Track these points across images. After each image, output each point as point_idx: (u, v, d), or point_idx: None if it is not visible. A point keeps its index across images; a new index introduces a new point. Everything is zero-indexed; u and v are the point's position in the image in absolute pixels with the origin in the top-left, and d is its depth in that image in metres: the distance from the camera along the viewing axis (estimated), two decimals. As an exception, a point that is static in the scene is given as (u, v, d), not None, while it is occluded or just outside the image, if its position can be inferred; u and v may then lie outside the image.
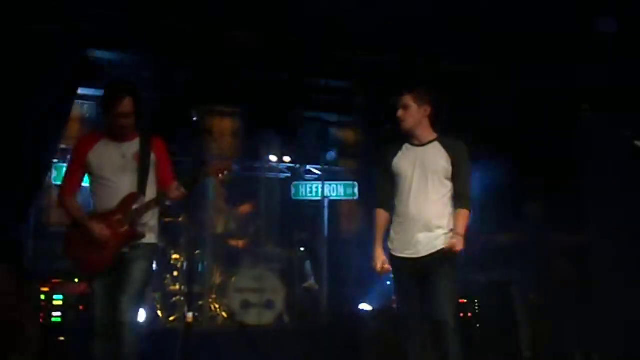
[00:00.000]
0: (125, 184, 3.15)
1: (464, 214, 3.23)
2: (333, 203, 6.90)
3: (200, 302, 5.42)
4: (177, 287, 5.55)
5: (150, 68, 5.23)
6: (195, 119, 3.78)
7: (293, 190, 6.85)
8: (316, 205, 6.79)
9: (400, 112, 3.26)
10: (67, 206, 3.19)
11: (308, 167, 7.17)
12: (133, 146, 3.20)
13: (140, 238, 3.15)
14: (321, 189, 6.67)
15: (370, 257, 3.27)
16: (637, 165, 3.73)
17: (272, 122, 5.97)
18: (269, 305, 5.42)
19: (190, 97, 5.14)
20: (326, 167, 6.85)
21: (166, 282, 5.49)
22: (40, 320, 4.37)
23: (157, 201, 3.21)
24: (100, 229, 3.07)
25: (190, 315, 3.12)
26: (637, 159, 3.21)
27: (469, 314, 5.63)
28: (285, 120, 6.03)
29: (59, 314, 4.44)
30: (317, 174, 7.14)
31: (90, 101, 5.57)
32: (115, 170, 3.14)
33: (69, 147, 5.87)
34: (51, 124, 4.77)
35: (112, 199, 3.13)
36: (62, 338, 4.32)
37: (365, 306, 6.06)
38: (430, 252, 3.17)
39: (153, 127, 3.50)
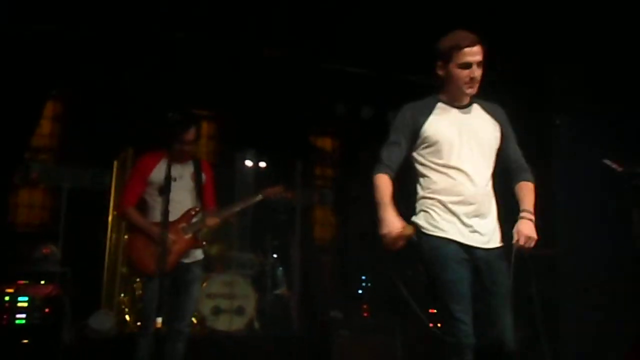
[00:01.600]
0: (184, 200, 3.61)
1: (532, 188, 2.66)
2: (307, 210, 6.88)
3: (170, 307, 5.32)
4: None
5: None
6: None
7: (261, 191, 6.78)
8: (290, 211, 6.75)
9: (477, 72, 2.57)
10: (130, 214, 3.60)
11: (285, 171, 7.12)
12: (188, 167, 3.67)
13: (200, 246, 3.67)
14: (296, 195, 6.63)
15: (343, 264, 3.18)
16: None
17: (248, 125, 5.95)
18: (239, 311, 5.38)
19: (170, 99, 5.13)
20: (301, 173, 6.81)
21: (135, 285, 5.39)
22: (4, 322, 4.26)
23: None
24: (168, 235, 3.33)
25: (159, 320, 3.08)
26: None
27: (439, 325, 5.66)
28: (261, 124, 6.01)
29: (23, 315, 4.33)
30: (293, 180, 7.10)
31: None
32: (177, 188, 3.48)
33: (39, 146, 5.81)
34: (21, 123, 4.67)
35: (175, 212, 3.41)
36: (26, 341, 4.21)
37: (336, 314, 6.05)
38: (493, 245, 2.57)
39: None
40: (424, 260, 2.57)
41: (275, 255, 6.30)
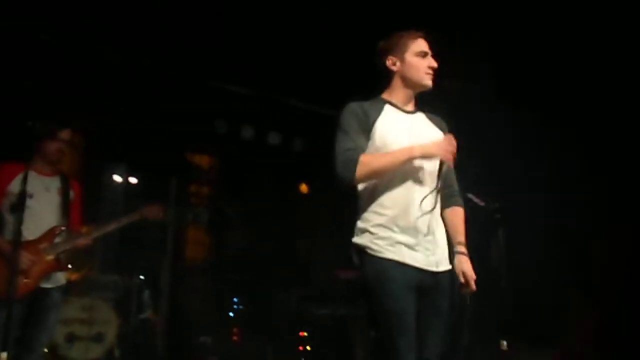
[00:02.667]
0: (48, 217, 3.28)
1: (463, 215, 2.48)
2: (180, 229, 6.60)
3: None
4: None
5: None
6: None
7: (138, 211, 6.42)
8: (161, 229, 6.43)
9: (434, 63, 2.40)
10: None
11: (157, 188, 6.79)
12: (55, 181, 3.36)
13: (64, 269, 3.33)
14: (169, 213, 6.33)
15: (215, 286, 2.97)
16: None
17: (120, 140, 5.61)
18: (98, 338, 4.96)
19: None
20: (176, 190, 6.54)
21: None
22: None
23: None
24: (25, 255, 3.09)
25: (4, 355, 2.71)
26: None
27: (308, 347, 5.66)
28: (135, 138, 5.70)
29: None
30: (166, 197, 6.79)
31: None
32: (41, 202, 3.24)
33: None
34: None
35: (36, 230, 3.21)
36: None
37: (205, 339, 5.83)
38: (443, 268, 2.33)
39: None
40: (367, 285, 2.26)
41: (142, 277, 5.94)
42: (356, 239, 2.33)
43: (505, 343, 2.66)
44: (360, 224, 2.33)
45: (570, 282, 5.03)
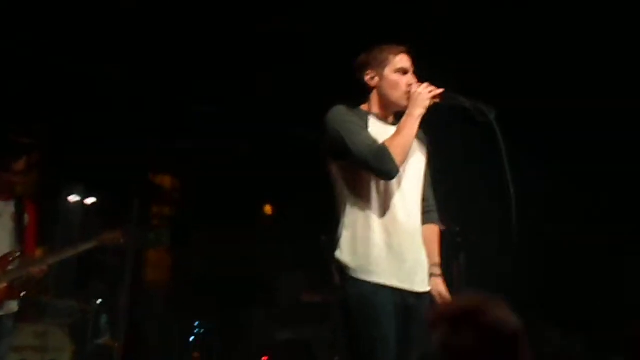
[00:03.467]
0: (2, 242, 3.17)
1: (439, 233, 2.42)
2: (140, 250, 6.45)
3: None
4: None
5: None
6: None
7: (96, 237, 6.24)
8: (120, 251, 6.26)
9: (413, 78, 2.30)
10: None
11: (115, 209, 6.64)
12: (9, 205, 3.24)
13: (17, 298, 3.19)
14: (128, 234, 6.17)
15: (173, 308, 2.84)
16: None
17: (78, 159, 5.48)
18: (51, 366, 4.77)
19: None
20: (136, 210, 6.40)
21: None
22: None
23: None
24: None
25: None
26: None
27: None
28: (92, 159, 5.57)
29: None
30: (125, 217, 6.64)
31: None
32: None
33: None
34: None
35: None
36: None
37: (164, 365, 5.68)
38: (426, 289, 2.23)
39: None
40: (347, 308, 2.12)
41: (99, 301, 5.76)
42: (339, 255, 2.18)
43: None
44: (343, 237, 2.19)
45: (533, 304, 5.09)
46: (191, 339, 6.09)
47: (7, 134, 4.05)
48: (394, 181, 2.18)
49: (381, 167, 2.11)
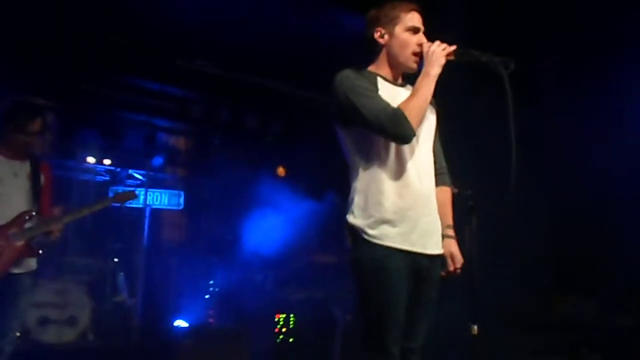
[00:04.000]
0: (18, 202, 3.21)
1: (451, 195, 2.40)
2: (155, 212, 6.53)
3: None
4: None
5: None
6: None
7: (111, 196, 6.34)
8: (137, 213, 6.36)
9: (425, 40, 2.25)
10: None
11: (130, 171, 6.71)
12: (25, 165, 3.28)
13: (35, 255, 3.25)
14: (143, 196, 6.27)
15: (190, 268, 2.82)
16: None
17: (92, 121, 5.50)
18: (71, 321, 4.92)
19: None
20: (151, 173, 6.47)
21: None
22: None
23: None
24: None
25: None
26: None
27: (284, 329, 5.68)
28: (107, 120, 5.60)
29: None
30: (140, 180, 6.72)
31: None
32: (9, 187, 3.20)
33: None
34: None
35: (5, 215, 3.16)
36: None
37: (180, 322, 5.81)
38: (438, 251, 2.25)
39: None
40: (359, 271, 2.13)
41: (116, 260, 5.89)
42: (351, 219, 2.17)
43: (475, 327, 2.68)
44: (356, 201, 2.17)
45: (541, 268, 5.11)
46: (206, 297, 6.21)
47: (22, 95, 4.06)
48: (406, 144, 2.16)
49: (397, 131, 2.08)
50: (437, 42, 2.20)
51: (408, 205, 2.14)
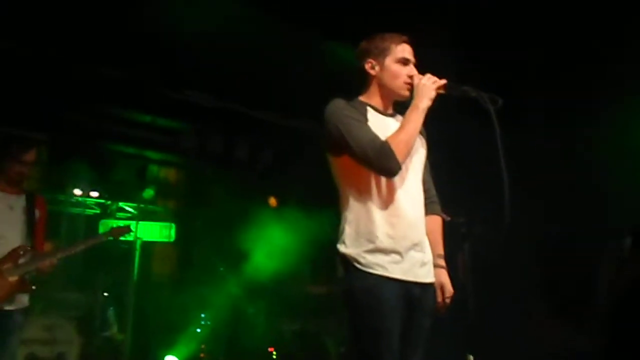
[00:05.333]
0: (13, 237, 3.19)
1: (441, 224, 2.43)
2: (146, 245, 6.47)
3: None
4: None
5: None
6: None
7: (101, 229, 6.28)
8: (127, 246, 6.29)
9: (414, 72, 2.28)
10: None
11: (121, 204, 6.67)
12: (21, 199, 3.27)
13: (28, 291, 3.22)
14: (134, 229, 6.21)
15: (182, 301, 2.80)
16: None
17: (82, 153, 5.48)
18: (60, 358, 4.82)
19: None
20: (142, 205, 6.43)
21: None
22: None
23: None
24: None
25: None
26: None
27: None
28: (97, 152, 5.58)
29: None
30: (130, 212, 6.67)
31: None
32: (5, 221, 3.18)
33: None
34: None
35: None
36: None
37: (171, 358, 5.71)
38: (430, 280, 2.24)
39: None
40: (352, 300, 2.11)
41: (106, 294, 5.80)
42: (343, 249, 2.17)
43: (472, 357, 2.66)
44: (347, 231, 2.17)
45: (536, 294, 5.09)
46: (198, 330, 6.12)
47: (17, 128, 4.09)
48: (399, 177, 2.16)
49: (383, 164, 2.10)
50: (428, 75, 2.23)
51: (400, 234, 2.14)
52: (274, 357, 5.60)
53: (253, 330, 6.03)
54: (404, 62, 2.28)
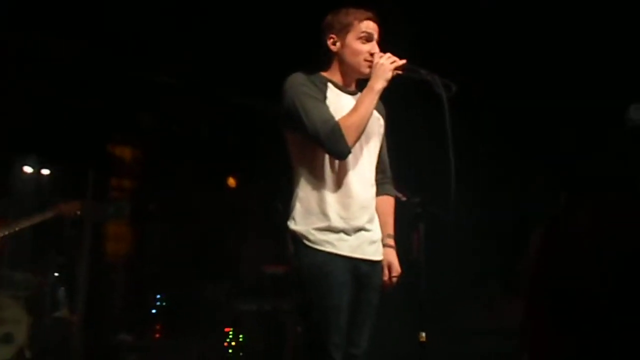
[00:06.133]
0: None
1: (393, 204, 2.44)
2: (99, 224, 6.31)
3: None
4: None
5: None
6: None
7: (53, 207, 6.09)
8: (79, 225, 6.12)
9: (376, 49, 2.25)
10: None
11: (74, 182, 6.47)
12: None
13: None
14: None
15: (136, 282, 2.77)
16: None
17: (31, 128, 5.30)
18: (7, 339, 4.68)
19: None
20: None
21: None
22: None
23: None
24: None
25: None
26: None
27: (233, 343, 5.58)
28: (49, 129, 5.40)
29: None
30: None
31: None
32: None
33: None
34: None
35: None
36: None
37: (124, 337, 5.62)
38: (379, 258, 2.29)
39: None
40: (300, 277, 2.14)
41: (57, 274, 5.64)
42: (292, 226, 2.18)
43: (424, 334, 2.69)
44: (297, 208, 2.18)
45: (491, 274, 5.20)
46: (153, 311, 6.04)
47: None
48: (349, 155, 2.16)
49: (332, 147, 2.10)
50: (388, 55, 2.20)
51: (351, 215, 2.17)
52: (231, 336, 5.58)
53: (209, 311, 5.98)
54: (367, 38, 2.24)
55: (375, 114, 2.28)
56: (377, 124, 2.32)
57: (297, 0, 4.32)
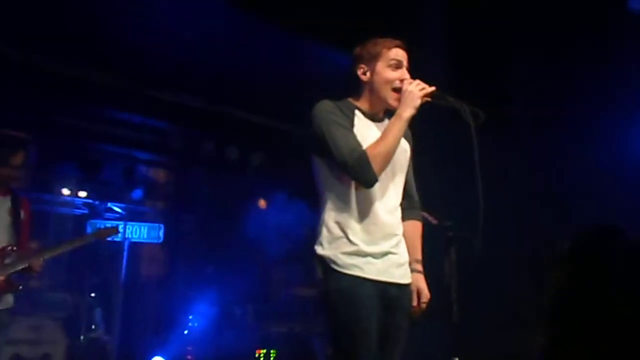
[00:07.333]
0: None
1: (421, 229, 2.42)
2: (134, 245, 6.44)
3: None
4: None
5: None
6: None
7: (89, 229, 6.23)
8: (115, 247, 6.26)
9: (407, 75, 2.25)
10: None
11: (109, 204, 6.63)
12: (6, 201, 3.27)
13: (15, 291, 3.22)
14: (122, 230, 6.18)
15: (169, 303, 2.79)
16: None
17: (70, 153, 5.46)
18: (45, 359, 4.78)
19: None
20: (130, 206, 6.40)
21: None
22: None
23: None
24: None
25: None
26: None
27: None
28: (86, 152, 5.55)
29: None
30: (119, 213, 6.64)
31: None
32: None
33: None
34: None
35: None
36: None
37: (158, 359, 5.68)
38: (407, 281, 2.25)
39: None
40: (329, 302, 2.12)
41: (93, 295, 5.77)
42: (320, 251, 2.17)
43: (457, 360, 2.67)
44: (324, 234, 2.17)
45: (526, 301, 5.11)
46: (185, 332, 6.09)
47: (4, 129, 4.06)
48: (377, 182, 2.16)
49: (360, 175, 2.11)
50: (417, 82, 2.20)
51: (376, 241, 2.16)
52: (262, 359, 5.59)
53: (240, 332, 6.00)
54: (396, 65, 2.25)
55: (403, 140, 2.27)
56: (403, 148, 2.31)
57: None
